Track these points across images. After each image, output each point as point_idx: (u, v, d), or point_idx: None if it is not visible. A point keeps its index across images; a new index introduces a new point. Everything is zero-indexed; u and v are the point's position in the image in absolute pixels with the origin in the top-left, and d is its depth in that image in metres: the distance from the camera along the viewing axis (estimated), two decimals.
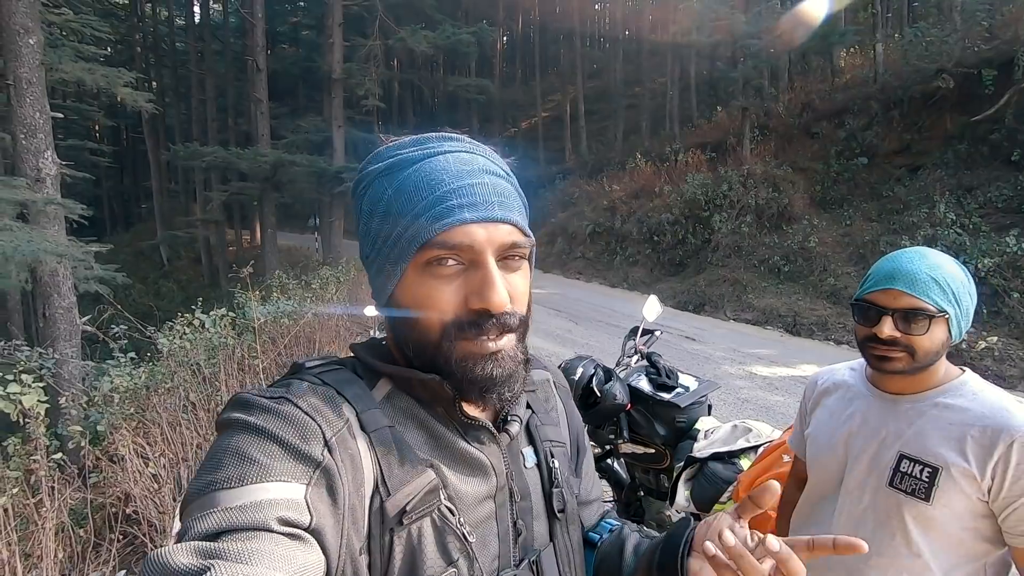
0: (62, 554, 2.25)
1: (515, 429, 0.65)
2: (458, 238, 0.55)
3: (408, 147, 0.61)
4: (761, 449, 1.88)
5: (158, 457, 2.95)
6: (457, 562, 0.56)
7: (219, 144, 18.11)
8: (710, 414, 2.28)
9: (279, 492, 0.46)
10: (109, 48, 20.18)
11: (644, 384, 2.27)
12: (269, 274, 11.32)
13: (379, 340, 0.66)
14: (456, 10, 22.43)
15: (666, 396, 2.20)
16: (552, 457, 0.70)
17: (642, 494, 2.42)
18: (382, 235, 0.58)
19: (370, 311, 5.45)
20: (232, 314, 5.40)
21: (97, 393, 4.06)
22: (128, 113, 22.30)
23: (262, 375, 4.39)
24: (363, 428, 0.55)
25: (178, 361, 4.42)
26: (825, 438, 1.22)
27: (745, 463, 1.89)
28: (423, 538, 0.54)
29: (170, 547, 0.41)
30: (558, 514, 0.67)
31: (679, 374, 2.32)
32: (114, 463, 3.18)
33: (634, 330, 2.67)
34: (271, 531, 0.44)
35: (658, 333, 2.71)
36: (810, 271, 10.24)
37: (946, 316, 1.02)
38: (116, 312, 5.66)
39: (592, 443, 2.33)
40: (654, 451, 2.24)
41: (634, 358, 2.53)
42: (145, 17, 26.41)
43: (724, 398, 5.47)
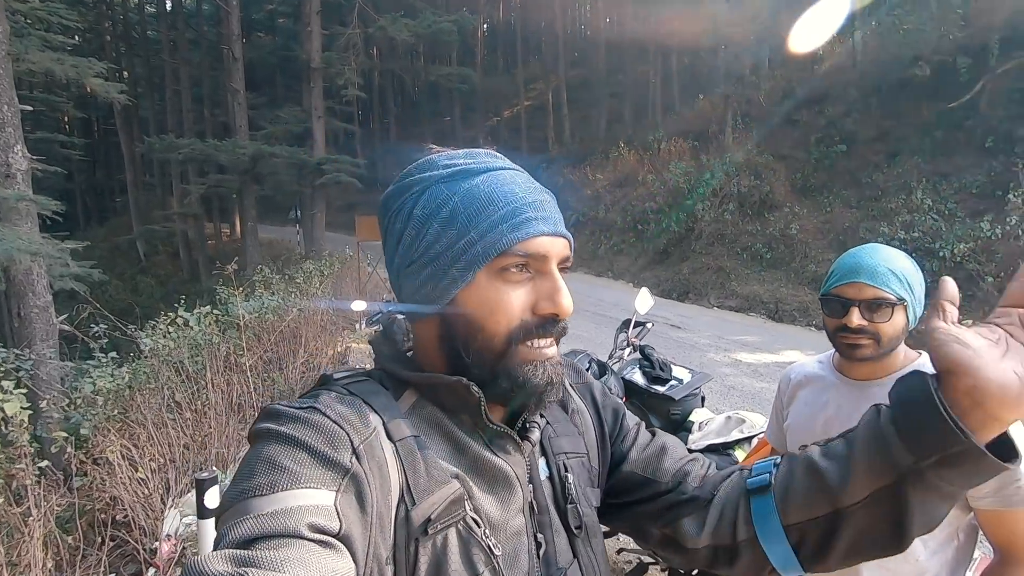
0: (51, 563, 2.20)
1: (536, 436, 0.65)
2: (534, 248, 0.59)
3: (463, 158, 0.63)
4: (755, 440, 1.90)
5: (147, 461, 2.89)
6: (482, 574, 0.55)
7: (196, 136, 17.73)
8: (703, 406, 2.30)
9: (309, 498, 0.47)
10: (77, 37, 19.52)
11: (638, 377, 2.28)
12: (251, 268, 11.16)
13: (405, 351, 0.67)
14: None
15: (660, 389, 2.22)
16: (566, 471, 0.69)
17: None
18: (444, 240, 0.59)
19: (358, 305, 5.42)
20: (216, 311, 5.31)
21: (78, 394, 3.97)
22: (99, 104, 21.67)
23: (249, 373, 4.32)
24: (389, 437, 0.56)
25: (161, 360, 4.34)
26: (804, 428, 1.30)
27: (740, 454, 1.91)
28: (448, 549, 0.55)
29: (207, 554, 0.42)
30: (575, 530, 0.66)
31: (672, 366, 2.34)
32: (98, 466, 3.12)
33: (626, 323, 2.68)
34: (303, 538, 0.44)
35: (650, 325, 2.73)
36: (791, 258, 10.38)
37: (904, 303, 1.14)
38: (94, 310, 5.53)
39: None
40: None
41: (627, 351, 2.55)
42: (114, 5, 25.63)
43: (711, 386, 5.53)
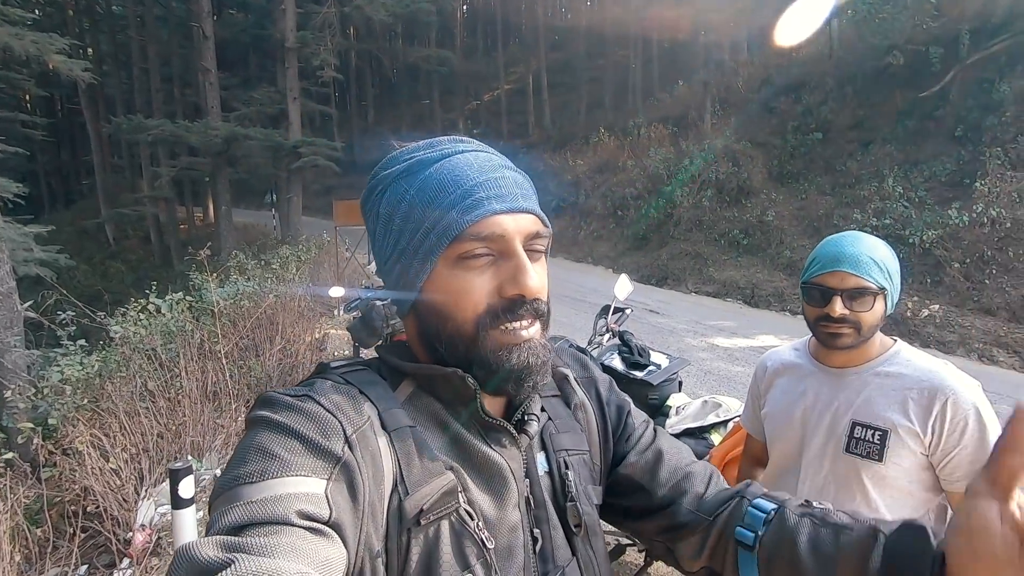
0: (19, 556, 2.15)
1: (534, 429, 0.64)
2: (489, 229, 0.56)
3: (423, 149, 0.62)
4: (731, 424, 1.93)
5: (119, 451, 2.83)
6: (474, 568, 0.55)
7: (166, 116, 17.17)
8: (681, 391, 2.33)
9: (299, 486, 0.47)
10: (38, 11, 18.67)
11: (617, 363, 2.30)
12: (225, 253, 10.93)
13: (401, 341, 0.67)
14: None
15: (639, 374, 2.24)
16: (566, 468, 0.66)
17: None
18: (406, 233, 0.59)
19: (336, 291, 5.34)
20: (189, 297, 5.20)
21: (46, 384, 3.87)
22: (63, 82, 20.82)
23: (224, 360, 4.25)
24: (384, 427, 0.56)
25: (133, 347, 4.24)
26: (782, 415, 1.31)
27: (716, 438, 1.95)
28: (440, 540, 0.54)
29: (198, 540, 0.42)
30: (575, 529, 0.64)
31: (650, 352, 2.36)
32: (68, 456, 3.05)
33: (605, 309, 2.70)
34: (291, 524, 0.44)
35: (629, 311, 2.75)
36: (768, 244, 10.55)
37: (885, 292, 1.15)
38: (61, 296, 5.36)
39: None
40: None
41: (606, 336, 2.57)
42: None
43: (688, 370, 5.62)
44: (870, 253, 1.15)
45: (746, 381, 5.51)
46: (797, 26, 11.07)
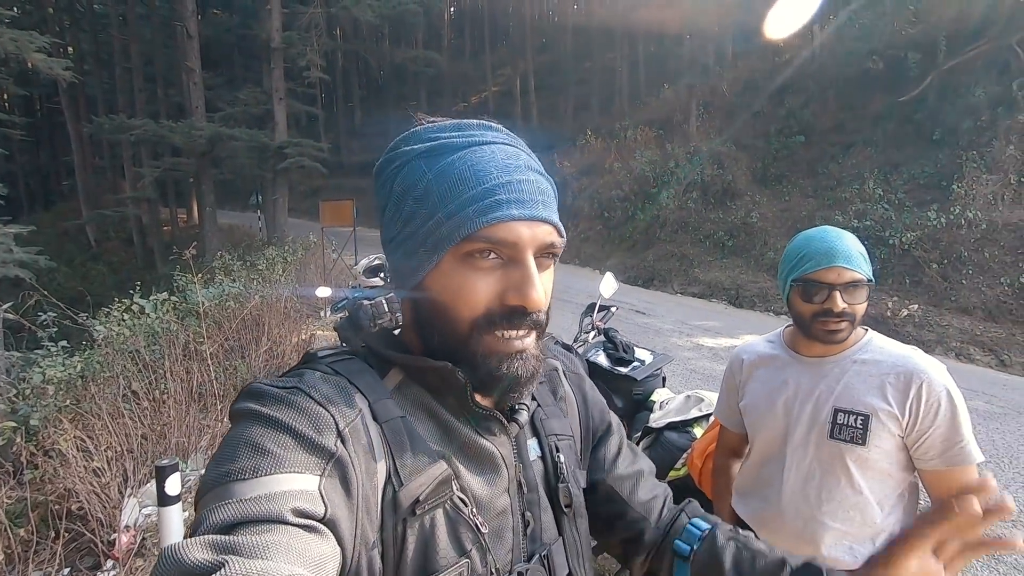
0: (1, 556, 2.12)
1: (524, 418, 0.64)
2: (503, 234, 0.55)
3: (449, 131, 0.59)
4: (712, 418, 1.97)
5: (104, 451, 2.80)
6: (470, 553, 0.55)
7: (148, 116, 16.94)
8: (664, 386, 2.38)
9: (293, 483, 0.46)
10: (16, 8, 18.36)
11: (602, 359, 2.33)
12: (210, 255, 10.81)
13: (391, 329, 0.65)
14: None
15: (623, 370, 2.28)
16: (557, 451, 0.68)
17: None
18: (417, 218, 0.57)
19: (322, 292, 5.32)
20: (174, 298, 5.15)
21: (26, 385, 3.81)
22: (43, 81, 20.51)
23: (210, 361, 4.22)
24: (375, 418, 0.55)
25: (116, 348, 4.19)
26: (764, 407, 1.34)
27: (698, 431, 1.99)
28: (436, 529, 0.54)
29: (185, 541, 0.41)
30: (565, 509, 0.66)
31: (635, 348, 2.40)
32: (50, 457, 3.01)
33: (591, 307, 2.73)
34: (286, 523, 0.44)
35: (614, 309, 2.79)
36: (752, 245, 10.69)
37: (871, 283, 1.20)
38: (42, 298, 5.28)
39: None
40: None
41: (591, 334, 2.60)
42: None
43: (674, 369, 5.69)
44: (855, 247, 1.20)
45: None
46: (786, 21, 11.26)
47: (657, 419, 2.09)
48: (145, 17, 22.20)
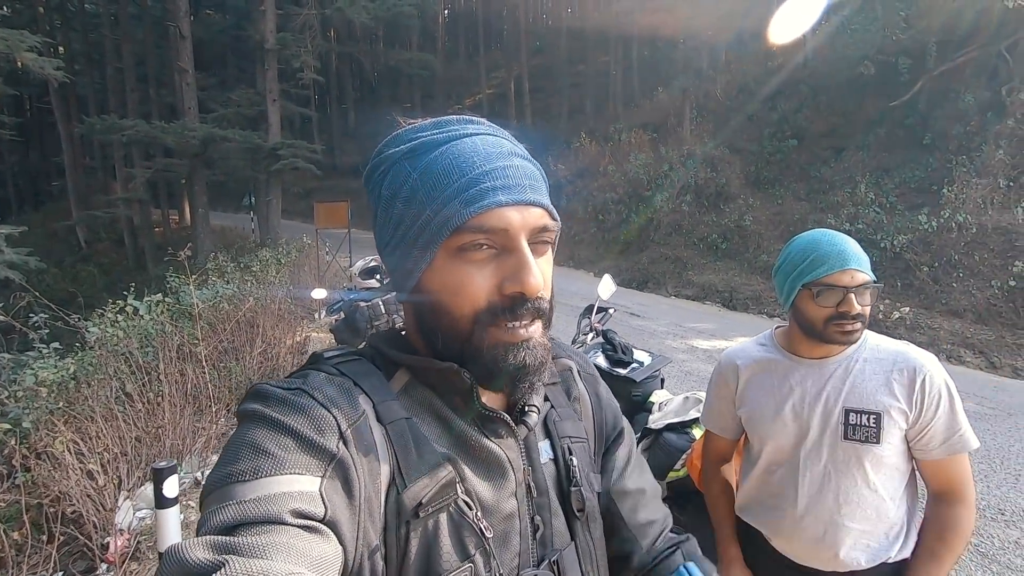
0: None
1: (533, 420, 0.63)
2: (493, 222, 0.54)
3: (429, 129, 0.59)
4: None
5: (98, 453, 2.78)
6: (474, 557, 0.55)
7: (140, 117, 16.84)
8: (663, 387, 2.38)
9: (293, 485, 0.46)
10: (7, 7, 18.21)
11: (601, 360, 2.34)
12: (203, 256, 10.75)
13: (398, 330, 0.65)
14: None
15: (622, 371, 2.28)
16: (570, 454, 0.67)
17: None
18: (407, 219, 0.57)
19: (318, 293, 5.31)
20: (168, 299, 5.12)
21: (18, 387, 3.77)
22: (33, 81, 20.32)
23: (204, 363, 4.19)
24: (380, 420, 0.54)
25: (109, 350, 4.15)
26: (772, 414, 1.31)
27: (697, 432, 1.99)
28: (439, 532, 0.54)
29: (188, 541, 0.41)
30: (577, 513, 0.65)
31: (633, 350, 2.41)
32: (43, 460, 2.98)
33: (589, 308, 2.74)
34: (285, 524, 0.44)
35: (612, 311, 2.79)
36: (745, 248, 10.75)
37: (880, 285, 1.23)
38: (34, 299, 5.22)
39: None
40: None
41: (590, 335, 2.61)
42: None
43: (668, 371, 5.71)
44: (860, 249, 1.22)
45: None
46: (787, 27, 11.37)
47: (656, 420, 2.09)
48: (137, 17, 22.07)
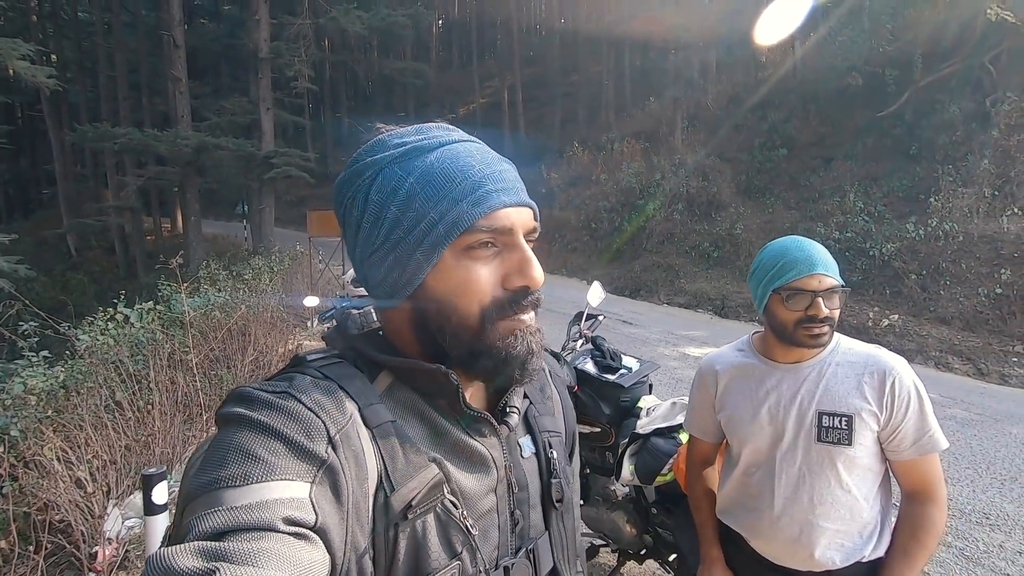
0: None
1: (514, 421, 0.65)
2: (499, 222, 0.57)
3: (413, 135, 0.61)
4: None
5: (87, 461, 2.76)
6: (461, 555, 0.56)
7: (133, 125, 16.81)
8: (651, 393, 2.40)
9: (284, 491, 0.46)
10: None
11: (590, 367, 2.36)
12: (195, 264, 10.71)
13: (376, 331, 0.65)
14: None
15: (611, 377, 2.30)
16: (550, 448, 0.70)
17: (588, 471, 2.52)
18: (405, 223, 0.57)
19: (310, 301, 5.29)
20: (159, 307, 5.10)
21: (6, 396, 3.74)
22: (24, 89, 20.25)
23: (195, 371, 4.18)
24: (366, 423, 0.55)
25: (99, 358, 4.13)
26: (749, 418, 1.35)
27: (683, 437, 2.01)
28: (427, 533, 0.55)
29: (174, 547, 0.40)
30: (556, 504, 0.68)
31: (622, 356, 2.43)
32: (31, 469, 2.96)
33: (579, 315, 2.76)
34: (277, 531, 0.43)
35: (601, 318, 2.82)
36: (736, 256, 10.84)
37: (847, 289, 1.28)
38: (23, 307, 5.19)
39: None
40: (600, 430, 2.34)
41: (579, 342, 2.63)
42: None
43: (660, 378, 5.74)
44: (827, 254, 1.26)
45: None
46: (772, 30, 11.56)
47: (644, 425, 2.11)
48: (131, 25, 22.10)
